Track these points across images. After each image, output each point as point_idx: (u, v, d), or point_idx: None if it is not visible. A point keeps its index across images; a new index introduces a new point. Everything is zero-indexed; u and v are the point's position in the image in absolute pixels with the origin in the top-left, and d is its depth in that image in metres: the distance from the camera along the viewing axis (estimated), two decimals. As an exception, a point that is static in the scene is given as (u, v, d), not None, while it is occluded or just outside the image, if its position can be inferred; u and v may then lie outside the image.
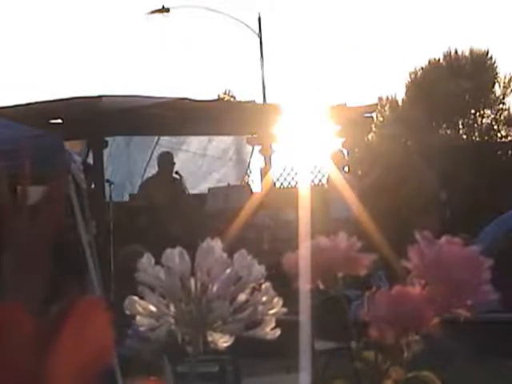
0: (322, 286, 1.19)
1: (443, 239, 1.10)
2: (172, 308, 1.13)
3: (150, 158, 12.82)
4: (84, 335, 0.71)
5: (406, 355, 1.11)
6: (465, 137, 34.08)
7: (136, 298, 1.14)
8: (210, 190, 11.38)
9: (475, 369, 5.88)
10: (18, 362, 0.69)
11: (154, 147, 12.79)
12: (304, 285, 1.20)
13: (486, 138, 32.59)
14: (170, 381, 3.38)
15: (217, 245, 1.14)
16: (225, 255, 1.14)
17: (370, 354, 1.13)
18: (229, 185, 11.87)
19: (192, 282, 1.13)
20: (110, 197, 9.67)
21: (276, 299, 1.13)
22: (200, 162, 13.70)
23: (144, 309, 1.14)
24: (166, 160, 10.70)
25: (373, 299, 1.10)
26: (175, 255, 1.14)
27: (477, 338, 5.44)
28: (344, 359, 4.77)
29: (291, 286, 1.19)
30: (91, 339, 0.71)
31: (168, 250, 1.15)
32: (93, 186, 9.63)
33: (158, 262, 1.16)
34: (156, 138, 12.91)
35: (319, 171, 12.75)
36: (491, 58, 34.54)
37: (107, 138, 10.38)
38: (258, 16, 20.44)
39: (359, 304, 1.12)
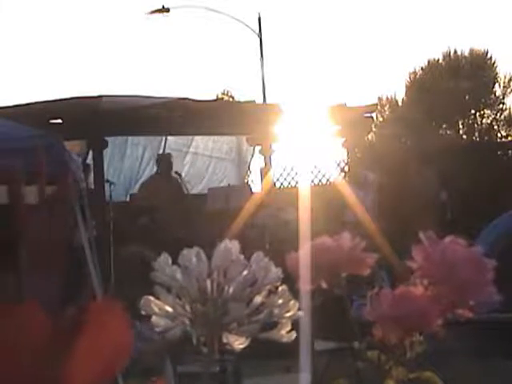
0: (324, 286, 1.19)
1: (447, 239, 1.10)
2: (188, 309, 1.13)
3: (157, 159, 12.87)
4: (102, 337, 0.71)
5: (409, 355, 1.11)
6: (465, 137, 34.07)
7: (152, 297, 1.14)
8: (209, 190, 11.39)
9: (475, 369, 5.88)
10: (36, 362, 0.69)
11: (164, 150, 12.83)
12: (305, 285, 1.20)
13: (486, 138, 32.58)
14: (170, 381, 3.38)
15: (234, 246, 1.14)
16: (242, 256, 1.13)
17: (373, 353, 1.13)
18: (229, 185, 11.88)
19: (208, 282, 1.13)
20: (110, 197, 9.67)
21: (292, 302, 1.13)
22: (207, 163, 13.73)
23: (160, 309, 1.13)
24: (165, 161, 10.74)
25: (376, 299, 1.10)
26: (192, 255, 1.14)
27: (477, 338, 5.44)
28: (344, 359, 4.77)
29: (292, 286, 1.19)
30: (109, 342, 0.71)
31: (185, 250, 1.15)
32: (93, 186, 9.64)
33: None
34: (163, 139, 12.94)
35: (319, 171, 12.76)
36: (491, 58, 34.55)
37: (107, 138, 10.38)
38: (258, 16, 20.45)
39: (361, 304, 1.12)
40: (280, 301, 1.13)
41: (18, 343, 0.69)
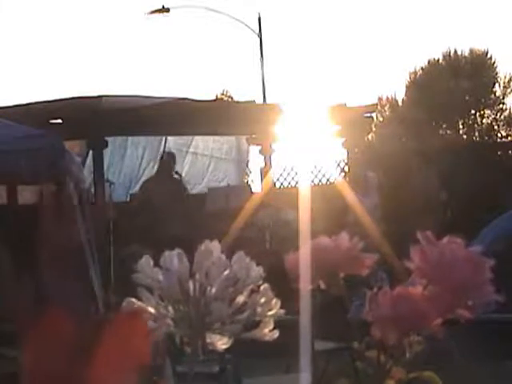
0: (323, 286, 1.19)
1: (445, 239, 1.11)
2: (170, 310, 1.13)
3: (157, 159, 12.91)
4: (124, 347, 0.71)
5: (407, 356, 1.11)
6: (465, 137, 34.08)
7: (134, 299, 1.14)
8: (209, 189, 11.40)
9: (475, 369, 5.88)
10: (58, 365, 0.70)
11: (163, 150, 12.85)
12: (305, 285, 1.20)
13: (486, 138, 32.59)
14: (170, 381, 3.38)
15: (215, 246, 1.14)
16: (223, 257, 1.14)
17: (372, 354, 1.13)
18: (229, 185, 11.89)
19: (190, 283, 1.13)
20: (110, 197, 9.67)
21: (274, 300, 1.13)
22: (207, 163, 13.74)
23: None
24: (167, 160, 10.75)
25: (375, 299, 1.10)
26: (174, 257, 1.14)
27: (475, 338, 5.44)
28: (344, 359, 4.78)
29: (292, 286, 1.19)
30: (131, 351, 0.71)
31: (166, 252, 1.15)
32: (92, 186, 9.65)
33: (158, 262, 1.16)
34: (163, 139, 12.95)
35: (319, 171, 12.77)
36: (491, 58, 34.56)
37: (107, 138, 10.39)
38: (258, 16, 20.45)
39: (360, 304, 1.12)
40: (262, 299, 1.13)
41: (46, 349, 0.70)
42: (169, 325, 1.14)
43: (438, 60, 35.09)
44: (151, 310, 1.14)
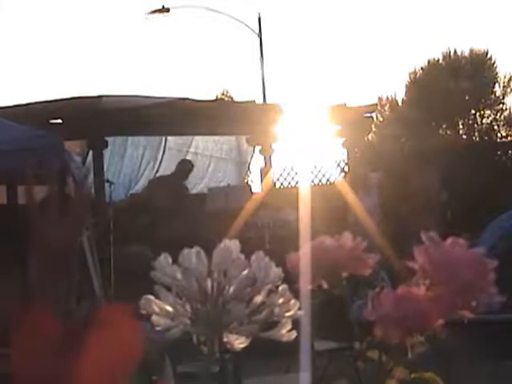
0: (325, 286, 1.19)
1: (449, 241, 1.10)
2: (188, 308, 1.13)
3: (157, 159, 12.90)
4: (111, 340, 0.71)
5: (409, 356, 1.11)
6: (465, 137, 34.07)
7: (152, 297, 1.14)
8: (209, 189, 11.39)
9: (476, 369, 5.88)
10: (44, 364, 0.69)
11: (164, 150, 12.83)
12: (305, 284, 1.20)
13: (486, 138, 32.58)
14: (170, 381, 3.38)
15: (234, 245, 1.14)
16: (242, 256, 1.13)
17: (374, 353, 1.12)
18: (229, 185, 11.89)
19: (209, 282, 1.13)
20: (110, 197, 9.66)
21: (293, 301, 1.12)
22: (207, 163, 13.74)
23: (160, 309, 1.13)
24: (186, 168, 10.73)
25: (378, 299, 1.10)
26: (192, 255, 1.14)
27: (477, 338, 5.44)
28: (344, 359, 4.78)
29: (292, 286, 1.19)
30: (118, 344, 0.71)
31: (185, 250, 1.14)
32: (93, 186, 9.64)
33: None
34: (163, 139, 12.94)
35: (319, 171, 12.77)
36: (491, 58, 34.55)
37: (107, 138, 10.38)
38: (258, 16, 20.44)
39: (362, 304, 1.12)
40: (280, 300, 1.13)
41: (30, 345, 0.69)
42: (186, 323, 1.13)
43: (438, 60, 35.08)
44: (169, 308, 1.13)
